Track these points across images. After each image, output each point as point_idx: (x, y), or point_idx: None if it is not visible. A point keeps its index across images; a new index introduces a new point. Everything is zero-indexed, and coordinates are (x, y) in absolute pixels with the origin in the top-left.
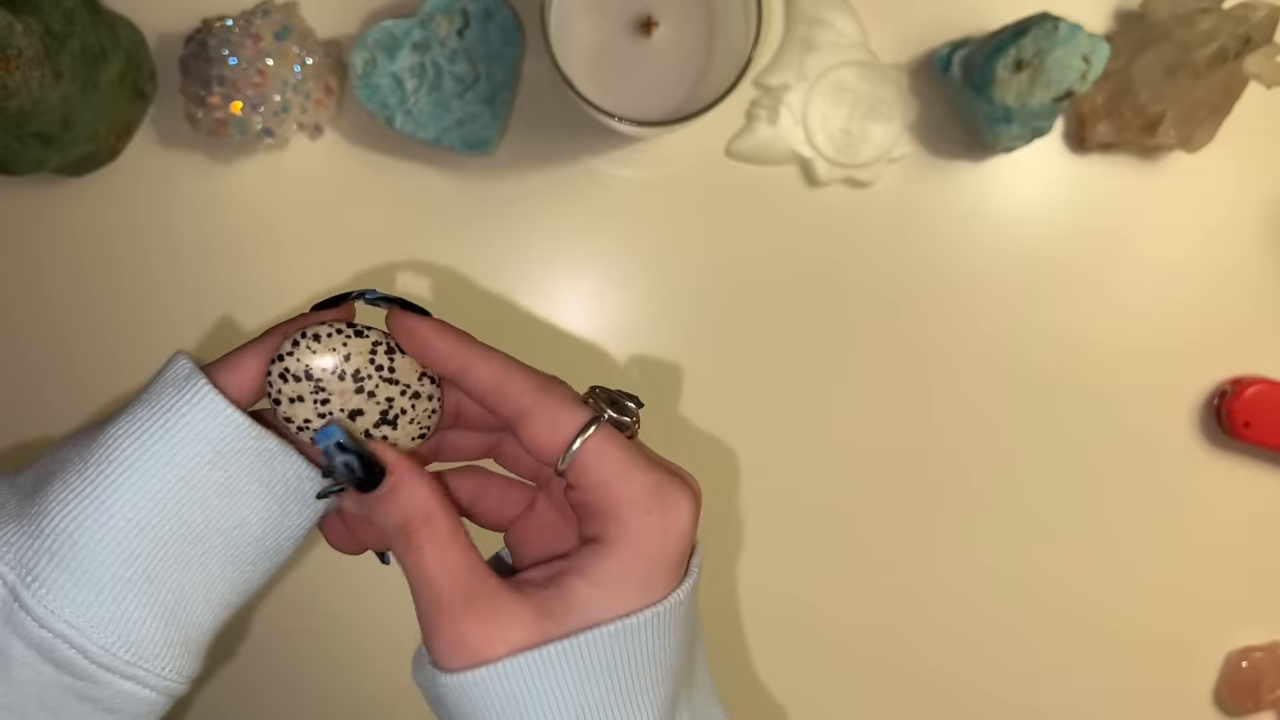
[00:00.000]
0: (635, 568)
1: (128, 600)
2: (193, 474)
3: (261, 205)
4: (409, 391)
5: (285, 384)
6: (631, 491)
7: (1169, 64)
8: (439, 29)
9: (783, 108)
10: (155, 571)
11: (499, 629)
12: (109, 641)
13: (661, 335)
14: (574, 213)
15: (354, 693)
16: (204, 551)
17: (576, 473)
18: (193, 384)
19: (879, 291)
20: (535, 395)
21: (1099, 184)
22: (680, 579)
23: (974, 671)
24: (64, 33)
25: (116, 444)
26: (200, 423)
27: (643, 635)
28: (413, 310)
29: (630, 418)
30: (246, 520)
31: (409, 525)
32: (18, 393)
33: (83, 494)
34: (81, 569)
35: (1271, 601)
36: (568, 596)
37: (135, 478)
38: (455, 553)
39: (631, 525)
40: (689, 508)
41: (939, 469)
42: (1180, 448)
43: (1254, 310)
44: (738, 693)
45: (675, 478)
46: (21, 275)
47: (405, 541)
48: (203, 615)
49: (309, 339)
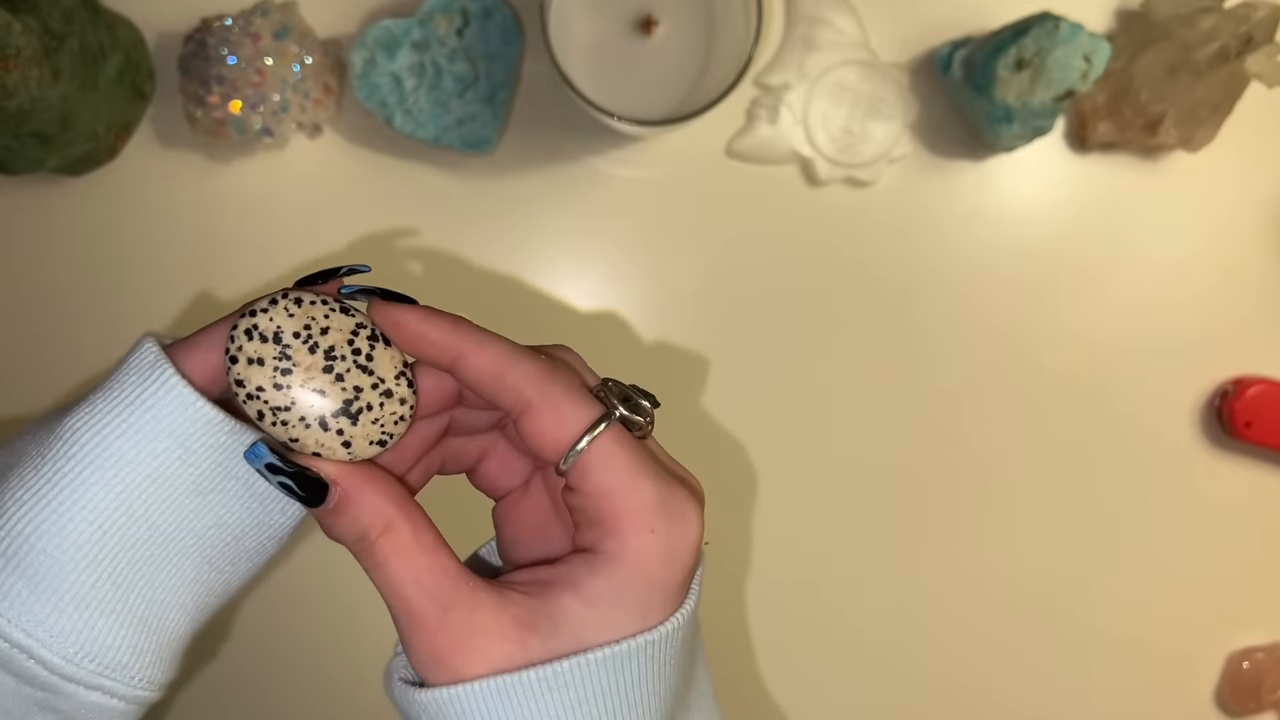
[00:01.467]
0: (632, 590)
1: (92, 608)
2: (160, 471)
3: (261, 205)
4: (381, 387)
5: (249, 341)
6: (636, 505)
7: (1170, 63)
8: (438, 28)
9: (783, 107)
10: (122, 576)
11: (477, 644)
12: (71, 652)
13: (660, 334)
14: (574, 212)
15: (341, 694)
16: (176, 553)
17: (578, 476)
18: (157, 372)
19: (878, 291)
20: (539, 385)
21: (1100, 184)
22: (681, 601)
23: (975, 672)
24: (63, 32)
25: (76, 437)
26: (167, 416)
27: (635, 662)
28: (396, 299)
29: (644, 417)
30: (224, 519)
31: (366, 538)
32: (18, 392)
33: (40, 494)
34: (40, 576)
35: (1273, 602)
36: (555, 613)
37: (97, 476)
38: (423, 560)
39: (631, 543)
40: (695, 525)
41: (936, 469)
42: (1181, 448)
43: (1255, 310)
44: (742, 700)
45: (683, 490)
46: (20, 275)
47: (366, 555)
48: (177, 619)
49: (289, 300)
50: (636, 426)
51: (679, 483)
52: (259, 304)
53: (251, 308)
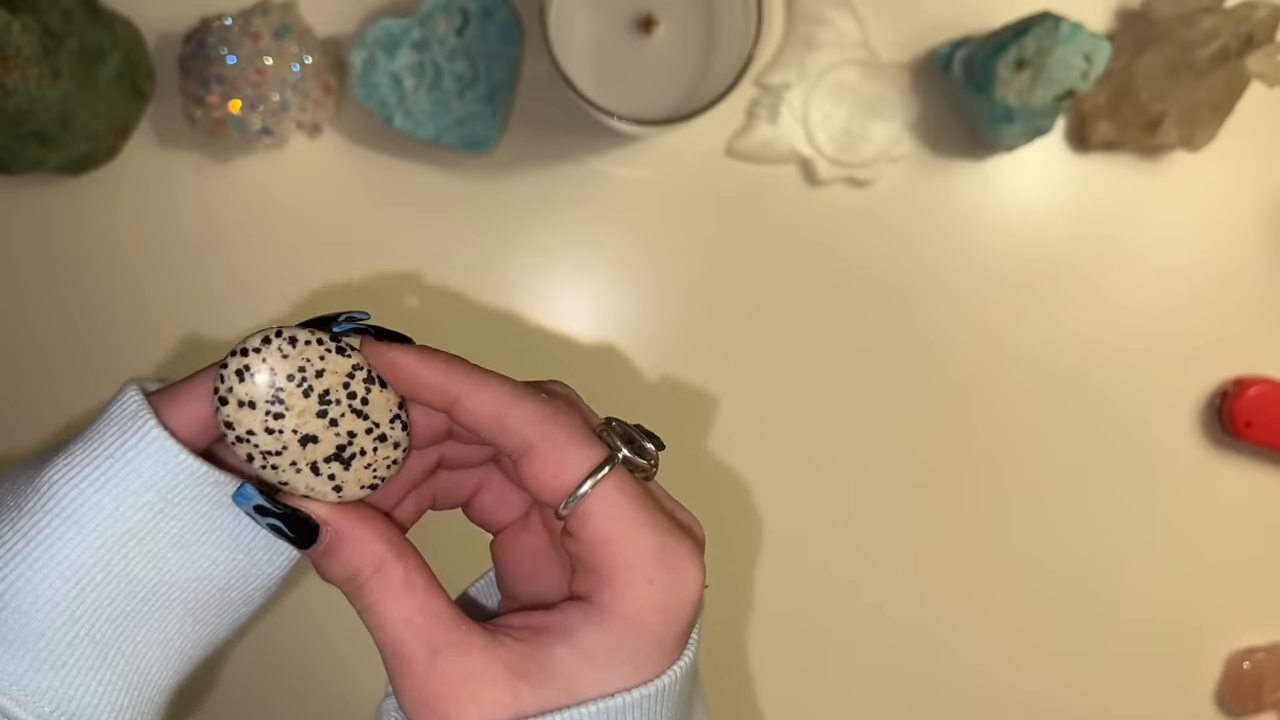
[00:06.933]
0: (627, 643)
1: (69, 666)
2: (141, 525)
3: (260, 204)
4: (375, 432)
5: (240, 383)
6: (634, 557)
7: (1171, 63)
8: (438, 28)
9: (783, 107)
10: (101, 633)
11: (468, 688)
12: (48, 711)
13: (660, 333)
14: (573, 212)
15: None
16: (159, 607)
17: (577, 523)
18: (138, 423)
19: (878, 291)
20: (541, 427)
21: (1100, 183)
22: (679, 653)
23: (976, 673)
24: (62, 31)
25: (53, 490)
26: (147, 469)
27: (630, 716)
28: (391, 338)
29: (648, 459)
30: (208, 572)
31: (357, 579)
32: (18, 392)
33: (15, 549)
34: (15, 634)
35: (1273, 602)
36: (547, 661)
37: (74, 531)
38: (413, 601)
39: (628, 595)
40: (695, 576)
41: (935, 468)
42: (1182, 447)
43: (1256, 310)
44: None
45: (685, 539)
46: (20, 274)
47: (357, 597)
48: (159, 674)
49: (283, 339)
50: (640, 469)
51: (680, 531)
52: (251, 342)
53: (244, 346)
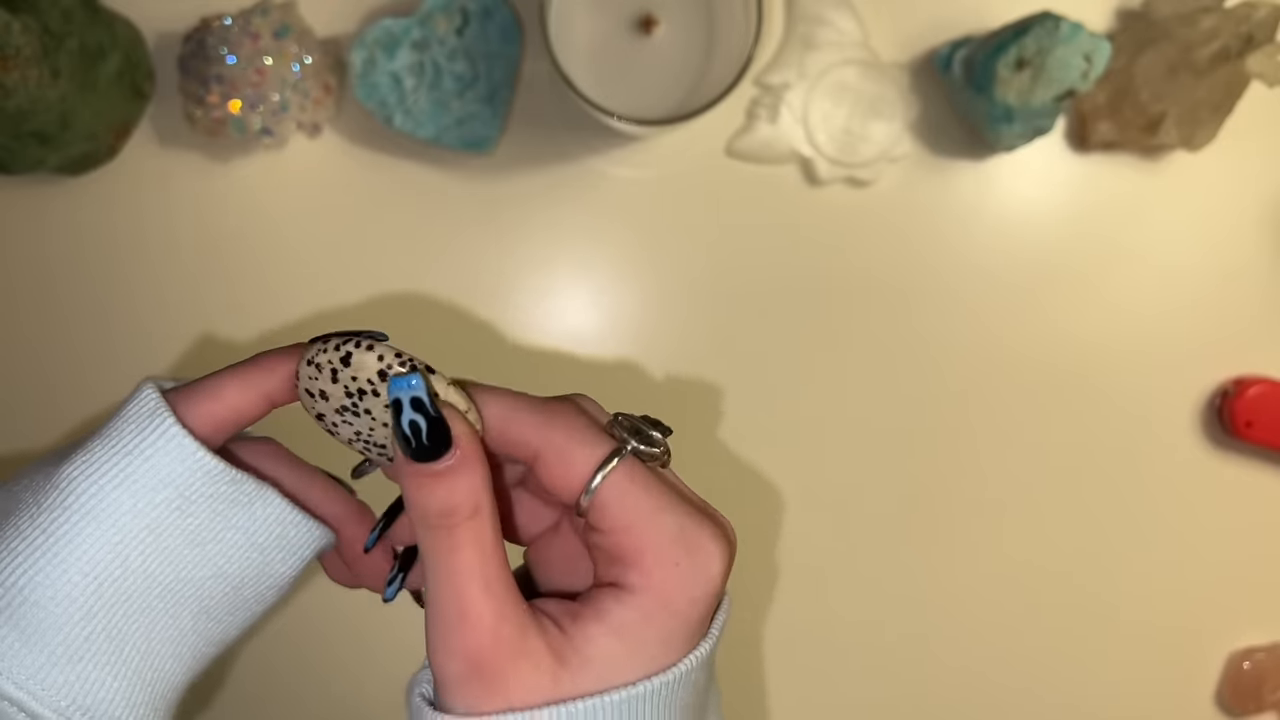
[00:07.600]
0: (655, 623)
1: (85, 661)
2: (158, 522)
3: (260, 204)
4: None
5: (345, 368)
6: (657, 539)
7: (1171, 63)
8: (438, 27)
9: (783, 106)
10: (117, 628)
11: (518, 667)
12: (64, 705)
13: (660, 333)
14: (573, 212)
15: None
16: (173, 604)
17: (597, 515)
18: (157, 421)
19: (878, 291)
20: (541, 432)
21: (1100, 183)
22: (700, 638)
23: (976, 673)
24: (62, 31)
25: (72, 487)
26: (165, 466)
27: (648, 704)
28: None
29: (658, 448)
30: (223, 570)
31: (454, 516)
32: (18, 392)
33: (35, 544)
34: (33, 628)
35: (1274, 602)
36: (584, 645)
37: (93, 527)
38: (496, 562)
39: (655, 576)
40: (721, 559)
41: (935, 468)
42: (1182, 448)
43: (1256, 309)
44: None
45: (707, 521)
46: (20, 275)
47: (446, 535)
48: (172, 670)
49: (387, 344)
50: (651, 458)
51: (699, 512)
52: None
53: (356, 338)
